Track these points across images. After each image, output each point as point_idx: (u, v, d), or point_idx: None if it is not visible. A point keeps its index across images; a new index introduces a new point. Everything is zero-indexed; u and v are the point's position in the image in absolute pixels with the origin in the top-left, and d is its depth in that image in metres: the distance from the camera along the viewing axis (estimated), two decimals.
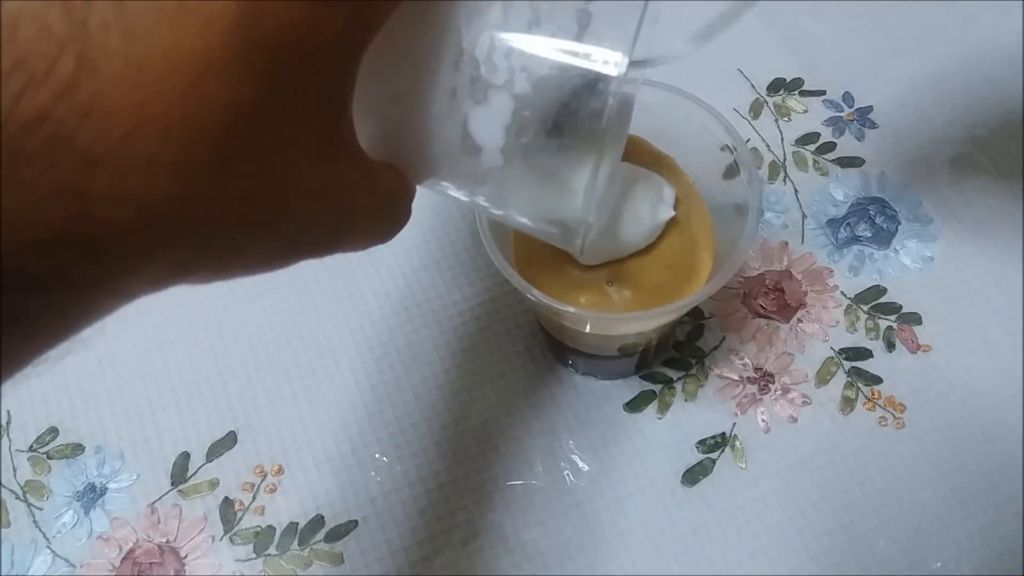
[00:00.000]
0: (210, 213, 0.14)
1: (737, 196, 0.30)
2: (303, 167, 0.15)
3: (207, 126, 0.13)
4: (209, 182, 0.14)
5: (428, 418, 0.38)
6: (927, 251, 0.41)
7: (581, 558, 0.34)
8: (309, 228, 0.17)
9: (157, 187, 0.13)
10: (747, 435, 0.36)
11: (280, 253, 0.17)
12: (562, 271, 0.31)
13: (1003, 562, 0.34)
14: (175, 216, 0.13)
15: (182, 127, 0.13)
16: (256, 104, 0.14)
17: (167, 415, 0.38)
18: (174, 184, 0.13)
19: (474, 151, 0.19)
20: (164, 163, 0.13)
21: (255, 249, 0.16)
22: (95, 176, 0.12)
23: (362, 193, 0.18)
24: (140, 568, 0.35)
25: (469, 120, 0.19)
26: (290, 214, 0.16)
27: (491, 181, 0.20)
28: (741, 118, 0.45)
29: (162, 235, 0.13)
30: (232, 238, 0.15)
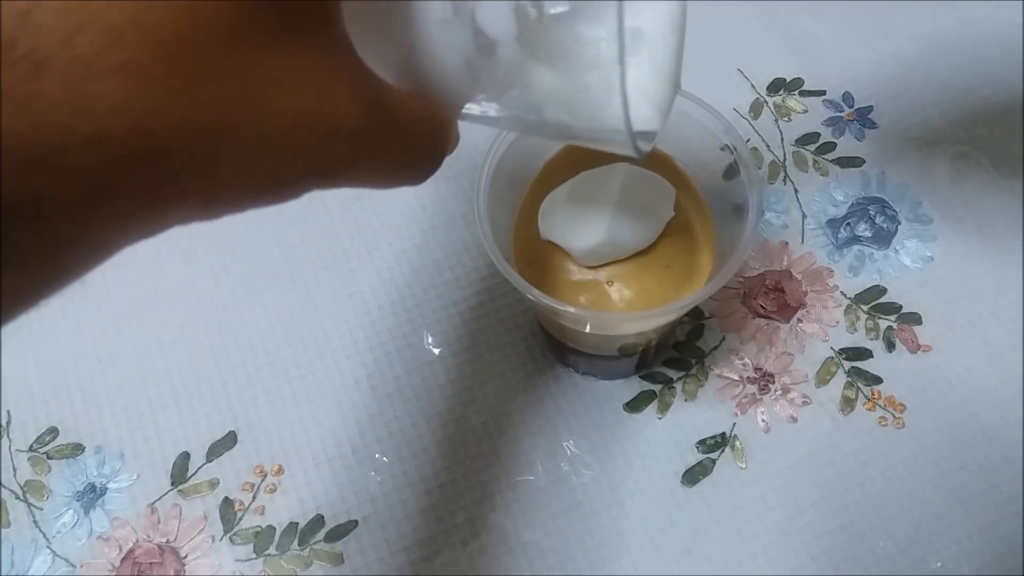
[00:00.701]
0: (176, 125, 0.13)
1: (737, 196, 0.30)
2: (283, 76, 0.15)
3: (157, 28, 0.13)
4: (168, 90, 0.13)
5: (428, 418, 0.38)
6: (927, 251, 0.41)
7: (581, 558, 0.34)
8: (302, 148, 0.16)
9: (109, 93, 0.12)
10: (747, 435, 0.36)
11: (276, 177, 0.16)
12: (562, 271, 0.31)
13: (1003, 562, 0.34)
14: (134, 127, 0.13)
15: (130, 29, 0.13)
16: (214, 6, 0.13)
17: (167, 415, 0.38)
18: (127, 90, 0.13)
19: (490, 49, 0.18)
20: (112, 67, 0.12)
21: (244, 173, 0.15)
22: (42, 80, 0.12)
23: (370, 117, 0.17)
24: (140, 568, 0.35)
25: (476, 14, 0.18)
26: (274, 130, 0.15)
27: (518, 81, 0.19)
28: (741, 118, 0.45)
29: (125, 149, 0.13)
30: (209, 158, 0.14)
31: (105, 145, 0.13)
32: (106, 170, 0.13)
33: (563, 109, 0.20)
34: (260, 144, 0.15)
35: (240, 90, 0.14)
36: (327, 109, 0.16)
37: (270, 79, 0.14)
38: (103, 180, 0.13)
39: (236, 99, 0.14)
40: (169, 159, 0.14)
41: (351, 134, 0.16)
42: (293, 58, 0.15)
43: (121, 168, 0.13)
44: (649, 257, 0.31)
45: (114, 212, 0.14)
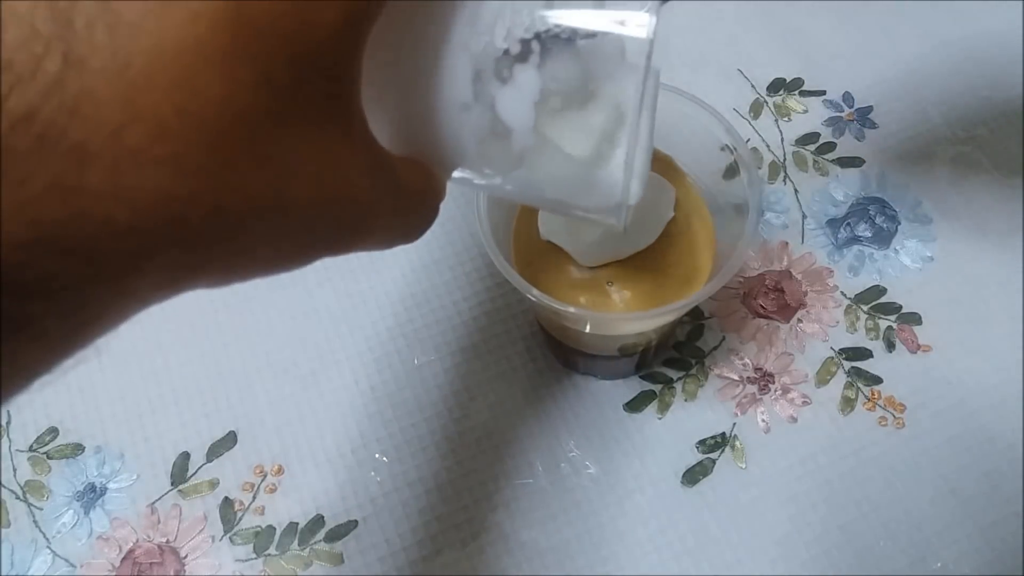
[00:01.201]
0: (210, 212, 0.14)
1: (737, 196, 0.30)
2: (308, 164, 0.15)
3: (201, 120, 0.13)
4: (207, 179, 0.13)
5: (428, 418, 0.38)
6: (927, 251, 0.41)
7: (581, 558, 0.34)
8: (319, 228, 0.16)
9: (152, 184, 0.13)
10: (747, 435, 0.36)
11: (291, 253, 0.16)
12: (562, 271, 0.31)
13: (1003, 562, 0.34)
14: (172, 215, 0.13)
15: (175, 120, 0.13)
16: (252, 97, 0.14)
17: (167, 415, 0.38)
18: (169, 181, 0.13)
19: (505, 134, 0.19)
20: (157, 158, 0.13)
21: (263, 250, 0.16)
22: (88, 173, 0.12)
23: (379, 190, 0.17)
24: (140, 568, 0.35)
25: (497, 102, 0.18)
26: (297, 213, 0.15)
27: (525, 163, 0.20)
28: (741, 118, 0.45)
29: (160, 235, 0.13)
30: (236, 239, 0.15)
31: (145, 234, 0.13)
32: (141, 255, 0.13)
33: (565, 191, 0.21)
34: (281, 225, 0.15)
35: (269, 176, 0.14)
36: (344, 189, 0.16)
37: (296, 163, 0.15)
38: (136, 263, 0.13)
39: (265, 185, 0.14)
40: (198, 244, 0.14)
41: (366, 208, 0.17)
42: (319, 139, 0.15)
43: (154, 253, 0.13)
44: (649, 257, 0.31)
45: (139, 290, 0.14)
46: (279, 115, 0.14)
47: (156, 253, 0.14)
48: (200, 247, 0.14)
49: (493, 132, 0.19)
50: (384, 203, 0.18)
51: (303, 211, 0.15)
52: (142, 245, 0.13)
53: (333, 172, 0.16)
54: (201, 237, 0.14)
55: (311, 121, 0.15)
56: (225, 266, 0.15)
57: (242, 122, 0.14)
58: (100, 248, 0.13)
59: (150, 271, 0.14)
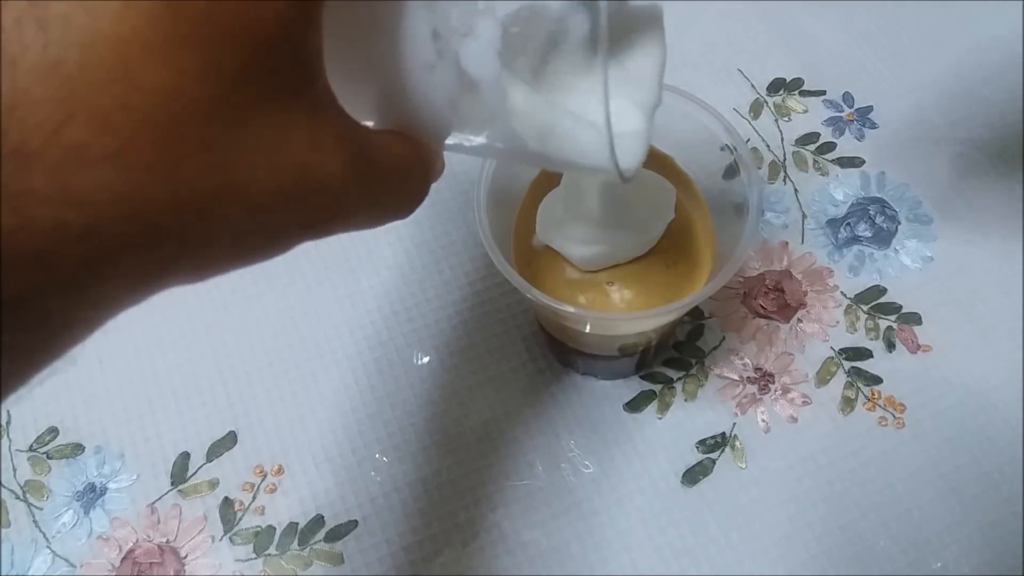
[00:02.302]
0: (166, 207, 0.13)
1: (737, 196, 0.30)
2: (271, 149, 0.15)
3: (146, 113, 0.13)
4: (159, 173, 0.13)
5: (428, 418, 0.38)
6: (927, 251, 0.41)
7: (581, 558, 0.34)
8: (291, 212, 0.16)
9: (100, 183, 0.12)
10: (747, 435, 0.36)
11: (265, 241, 0.16)
12: (562, 271, 0.31)
13: (1003, 562, 0.34)
14: (126, 214, 0.13)
15: (118, 115, 0.12)
16: (200, 86, 0.13)
17: (167, 415, 0.38)
18: (118, 178, 0.12)
19: (473, 87, 0.18)
20: (102, 155, 0.12)
21: (233, 240, 0.15)
22: (32, 176, 0.12)
23: (356, 168, 0.17)
24: (140, 568, 0.35)
25: (460, 56, 0.18)
26: (263, 200, 0.15)
27: (499, 117, 0.19)
28: (741, 118, 0.45)
29: (117, 236, 0.13)
30: (200, 232, 0.14)
31: (100, 236, 0.13)
32: (99, 258, 0.13)
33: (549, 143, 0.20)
34: (250, 213, 0.15)
35: (228, 163, 0.14)
36: (314, 169, 0.16)
37: (257, 148, 0.14)
38: (96, 268, 0.13)
39: (225, 173, 0.14)
40: (161, 241, 0.13)
41: (341, 187, 0.16)
42: (278, 123, 0.15)
43: (114, 255, 0.13)
44: (649, 257, 0.31)
45: (105, 295, 0.14)
46: (232, 103, 0.14)
47: (116, 256, 0.13)
48: (162, 245, 0.14)
49: (462, 88, 0.18)
50: (364, 181, 0.17)
51: (270, 197, 0.15)
52: (100, 248, 0.13)
53: (299, 154, 0.15)
54: (161, 234, 0.13)
55: (269, 105, 0.14)
56: (195, 261, 0.15)
57: (191, 113, 0.13)
58: (55, 255, 0.12)
59: (113, 275, 0.13)
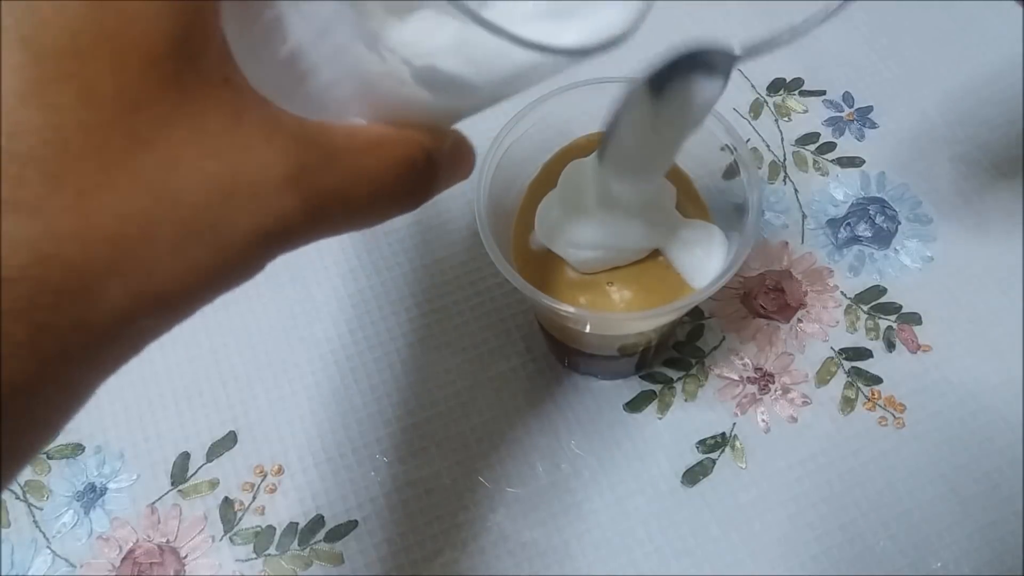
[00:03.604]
0: (82, 242, 0.13)
1: (737, 196, 0.30)
2: (194, 160, 0.14)
3: (32, 156, 0.12)
4: (61, 210, 0.13)
5: (428, 418, 0.38)
6: (927, 251, 0.41)
7: (581, 558, 0.34)
8: (239, 221, 0.15)
9: (4, 231, 0.12)
10: (747, 435, 0.36)
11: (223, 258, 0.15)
12: (562, 271, 0.31)
13: (1003, 562, 0.34)
14: (38, 257, 0.12)
15: (8, 165, 0.12)
16: (78, 116, 0.13)
17: (167, 415, 0.38)
18: (19, 224, 0.12)
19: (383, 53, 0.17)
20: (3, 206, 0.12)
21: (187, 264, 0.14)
22: None
23: (300, 165, 0.15)
24: (140, 568, 0.35)
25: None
26: (201, 214, 0.14)
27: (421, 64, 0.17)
28: (741, 118, 0.45)
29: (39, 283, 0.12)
30: (138, 261, 0.14)
31: (16, 285, 0.12)
32: (24, 312, 0.12)
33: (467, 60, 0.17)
34: (186, 227, 0.14)
35: (144, 182, 0.13)
36: (248, 165, 0.15)
37: (175, 161, 0.14)
38: (26, 323, 0.13)
39: (138, 191, 0.13)
40: (87, 278, 0.13)
41: (284, 183, 0.15)
42: (194, 126, 0.14)
43: (39, 304, 0.13)
44: (649, 258, 0.31)
45: (58, 354, 0.13)
46: (126, 123, 0.13)
47: (47, 299, 0.13)
48: (94, 285, 0.13)
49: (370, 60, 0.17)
50: (325, 172, 0.16)
51: (202, 202, 0.14)
52: (26, 295, 0.12)
53: (226, 159, 0.14)
54: (86, 273, 0.13)
55: (175, 117, 0.14)
56: (152, 298, 0.14)
57: (77, 144, 0.13)
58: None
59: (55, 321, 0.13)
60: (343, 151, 0.17)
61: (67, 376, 0.14)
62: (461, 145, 0.21)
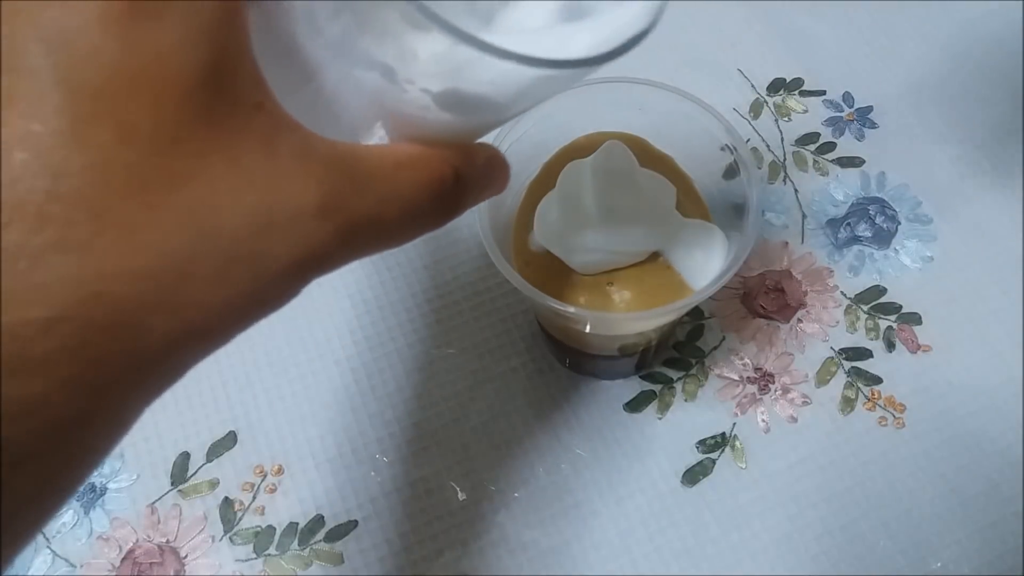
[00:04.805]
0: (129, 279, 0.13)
1: (737, 196, 0.30)
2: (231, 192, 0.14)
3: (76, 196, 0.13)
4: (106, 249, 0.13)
5: (428, 418, 0.38)
6: (927, 251, 0.41)
7: (581, 558, 0.34)
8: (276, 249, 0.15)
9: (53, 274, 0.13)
10: (747, 435, 0.36)
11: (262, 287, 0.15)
12: (562, 271, 0.31)
13: (1003, 562, 0.34)
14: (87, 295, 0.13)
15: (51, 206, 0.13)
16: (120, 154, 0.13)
17: (167, 415, 0.38)
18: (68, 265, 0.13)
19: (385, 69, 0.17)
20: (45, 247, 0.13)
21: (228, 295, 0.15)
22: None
23: (333, 190, 0.16)
24: (140, 568, 0.35)
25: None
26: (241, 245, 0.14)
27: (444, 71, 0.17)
28: (741, 118, 0.45)
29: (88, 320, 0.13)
30: (183, 293, 0.14)
31: (67, 324, 0.13)
32: (76, 349, 0.13)
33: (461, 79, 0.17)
34: (226, 260, 0.14)
35: (185, 218, 0.14)
36: (283, 195, 0.15)
37: (211, 190, 0.14)
38: (77, 360, 0.13)
39: (180, 228, 0.14)
40: (134, 314, 0.13)
41: (319, 212, 0.15)
42: (229, 158, 0.14)
43: (90, 341, 0.13)
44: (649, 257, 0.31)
45: (107, 387, 0.14)
46: (164, 160, 0.14)
47: (93, 340, 0.13)
48: (140, 320, 0.13)
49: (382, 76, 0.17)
50: (350, 199, 0.16)
51: (241, 233, 0.14)
52: (72, 336, 0.13)
53: (262, 188, 0.15)
54: (132, 308, 0.13)
55: (211, 150, 0.14)
56: (196, 328, 0.14)
57: (120, 183, 0.13)
58: (30, 354, 0.12)
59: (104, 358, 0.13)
60: (374, 175, 0.17)
61: (115, 408, 0.14)
62: (494, 161, 0.21)
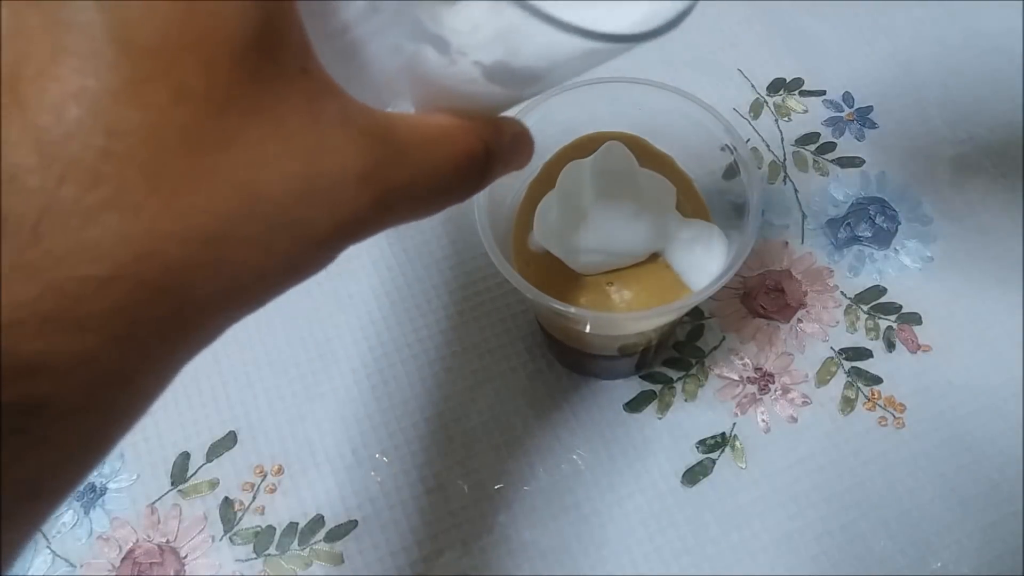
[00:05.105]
0: (178, 239, 0.13)
1: (737, 196, 0.30)
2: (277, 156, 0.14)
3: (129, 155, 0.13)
4: (159, 209, 0.13)
5: (428, 418, 0.38)
6: (927, 251, 0.41)
7: (581, 558, 0.34)
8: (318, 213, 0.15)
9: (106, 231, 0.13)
10: (747, 435, 0.36)
11: (302, 251, 0.16)
12: (562, 271, 0.31)
13: (1003, 562, 0.34)
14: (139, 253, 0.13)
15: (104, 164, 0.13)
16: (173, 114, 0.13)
17: (167, 415, 0.38)
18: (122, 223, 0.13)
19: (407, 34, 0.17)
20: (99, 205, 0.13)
21: (269, 257, 0.15)
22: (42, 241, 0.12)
23: (373, 157, 0.16)
24: (140, 568, 0.35)
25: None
26: (285, 209, 0.15)
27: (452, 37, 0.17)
28: (741, 118, 0.45)
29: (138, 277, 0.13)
30: (229, 255, 0.14)
31: (118, 283, 0.13)
32: (126, 307, 0.13)
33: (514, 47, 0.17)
34: (270, 225, 0.15)
35: (232, 180, 0.14)
36: (327, 161, 0.15)
37: (259, 157, 0.14)
38: (126, 318, 0.13)
39: (232, 190, 0.14)
40: (182, 274, 0.14)
41: (359, 180, 0.16)
42: (274, 126, 0.14)
43: (140, 300, 0.13)
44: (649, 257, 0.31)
45: (147, 342, 0.14)
46: (213, 120, 0.14)
47: (145, 296, 0.13)
48: (188, 281, 0.14)
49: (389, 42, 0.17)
50: (396, 165, 0.16)
51: (287, 198, 0.15)
52: (124, 295, 0.13)
53: (306, 152, 0.15)
54: (182, 270, 0.14)
55: (258, 112, 0.14)
56: (239, 292, 0.15)
57: (172, 143, 0.13)
58: (84, 311, 0.13)
59: (150, 316, 0.13)
60: (409, 145, 0.17)
61: (157, 367, 0.15)
62: (522, 137, 0.21)
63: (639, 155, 0.31)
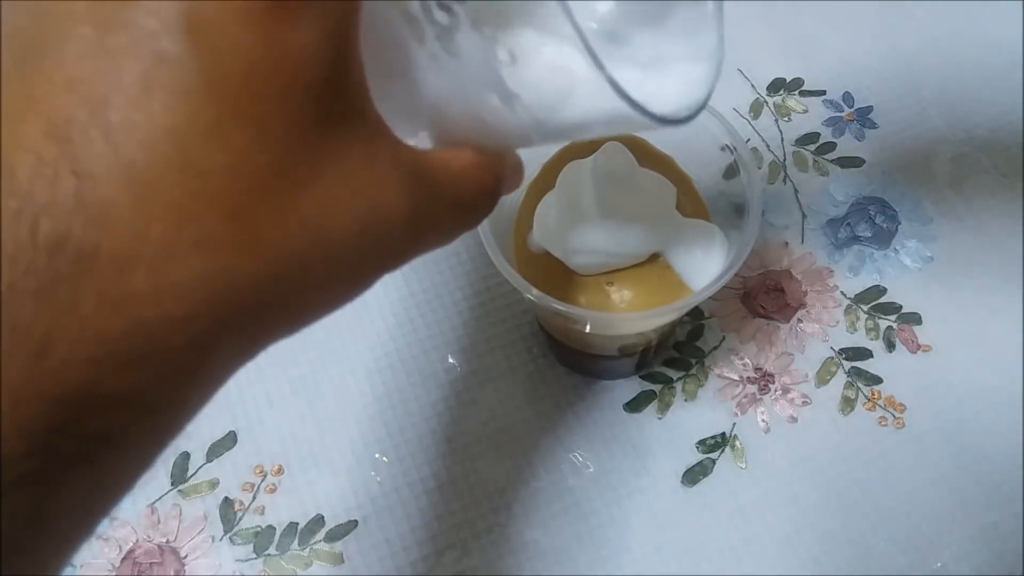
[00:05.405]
0: (254, 280, 0.14)
1: (737, 196, 0.30)
2: (341, 197, 0.15)
3: (214, 196, 0.13)
4: (238, 251, 0.13)
5: (428, 418, 0.38)
6: (927, 251, 0.41)
7: (581, 558, 0.34)
8: (367, 253, 0.16)
9: (190, 272, 0.13)
10: (747, 435, 0.36)
11: (350, 287, 0.16)
12: (562, 271, 0.31)
13: (1003, 562, 0.34)
14: (219, 295, 0.13)
15: (191, 204, 0.13)
16: (254, 156, 0.13)
17: None
18: (204, 264, 0.13)
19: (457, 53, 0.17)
20: (186, 245, 0.13)
21: (324, 293, 0.15)
22: (130, 278, 0.12)
23: (415, 194, 0.16)
24: (140, 568, 0.35)
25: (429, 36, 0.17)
26: (341, 249, 0.15)
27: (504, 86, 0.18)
28: (741, 118, 0.45)
29: (216, 318, 0.13)
30: (293, 294, 0.15)
31: (197, 321, 0.13)
32: (204, 342, 0.13)
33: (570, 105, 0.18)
34: (332, 265, 0.15)
35: (304, 222, 0.14)
36: (381, 204, 0.16)
37: (326, 198, 0.15)
38: (200, 350, 0.14)
39: (303, 232, 0.14)
40: (253, 312, 0.14)
41: (407, 221, 0.16)
42: (339, 168, 0.15)
43: (215, 334, 0.14)
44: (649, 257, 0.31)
45: (210, 372, 0.14)
46: (290, 163, 0.14)
47: (218, 334, 0.14)
48: (256, 317, 0.14)
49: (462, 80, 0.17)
50: (424, 204, 0.17)
51: (348, 243, 0.15)
52: (201, 333, 0.13)
53: (364, 193, 0.15)
54: (254, 307, 0.14)
55: (327, 153, 0.15)
56: (288, 322, 0.15)
57: (253, 186, 0.13)
58: (165, 347, 0.13)
59: (215, 351, 0.14)
60: (442, 183, 0.17)
61: (211, 392, 0.15)
62: (518, 168, 0.22)
63: (639, 155, 0.31)
